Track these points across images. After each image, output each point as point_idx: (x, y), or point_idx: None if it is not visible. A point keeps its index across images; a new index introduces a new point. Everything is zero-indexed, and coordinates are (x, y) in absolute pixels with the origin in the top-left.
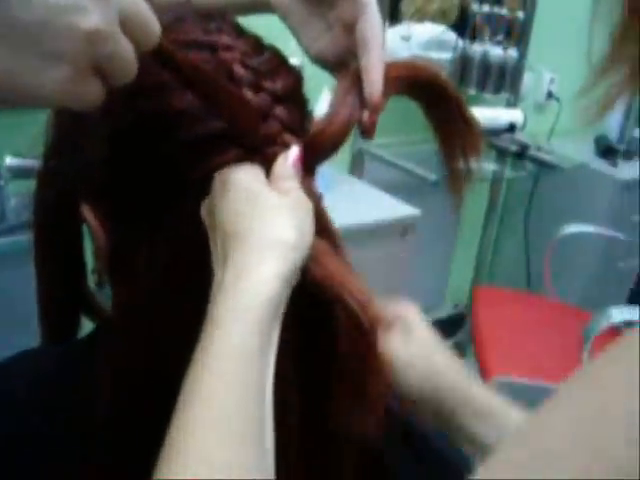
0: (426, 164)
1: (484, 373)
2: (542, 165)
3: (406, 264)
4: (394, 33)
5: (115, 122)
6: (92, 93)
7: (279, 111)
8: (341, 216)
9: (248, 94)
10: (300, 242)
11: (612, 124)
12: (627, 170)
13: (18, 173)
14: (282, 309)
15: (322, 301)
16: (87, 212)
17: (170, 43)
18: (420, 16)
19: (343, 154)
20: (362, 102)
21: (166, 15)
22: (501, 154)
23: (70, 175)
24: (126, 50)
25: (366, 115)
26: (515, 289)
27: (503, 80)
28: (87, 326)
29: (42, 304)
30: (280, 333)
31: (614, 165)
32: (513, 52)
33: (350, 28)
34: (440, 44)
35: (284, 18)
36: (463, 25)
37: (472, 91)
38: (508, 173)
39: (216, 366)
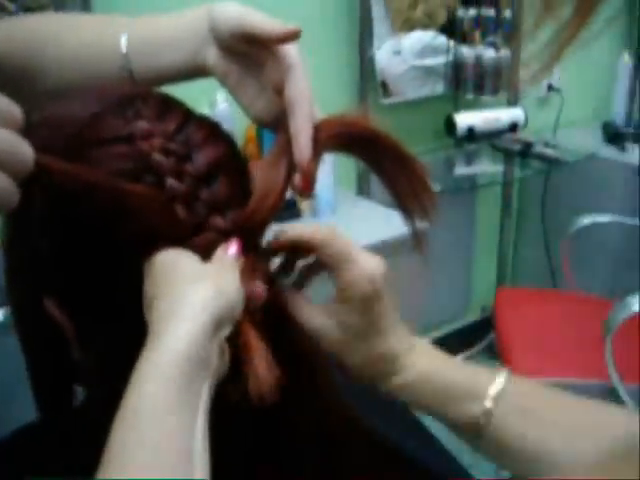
0: (431, 174)
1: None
2: (548, 161)
3: (425, 276)
4: (385, 50)
5: (46, 227)
6: None
7: (204, 194)
8: (351, 236)
9: (171, 182)
10: (215, 301)
11: (618, 109)
12: (637, 153)
13: None
14: (209, 363)
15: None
16: (48, 302)
17: (88, 141)
18: (409, 26)
19: (349, 174)
20: (293, 166)
21: (82, 111)
22: (507, 155)
23: (25, 271)
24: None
25: (298, 179)
26: (540, 287)
27: (500, 80)
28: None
29: (33, 378)
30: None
31: (623, 150)
32: (506, 51)
33: (280, 90)
34: (435, 49)
35: (222, 82)
36: (452, 29)
37: (469, 95)
38: (517, 173)
39: (132, 424)
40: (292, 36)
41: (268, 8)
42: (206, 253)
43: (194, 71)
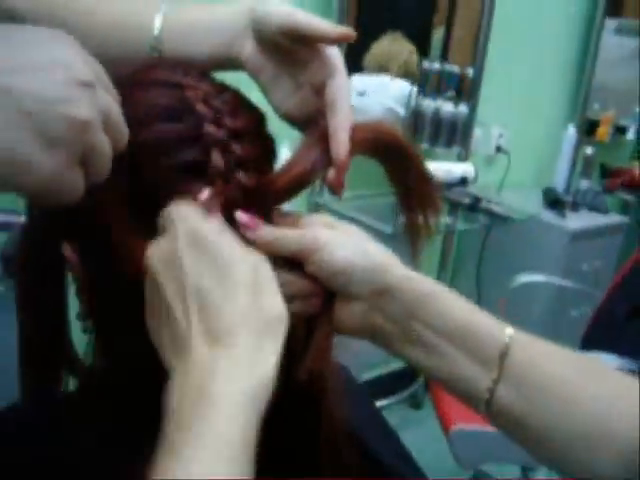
0: (382, 217)
1: (444, 423)
2: (494, 217)
3: None
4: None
5: None
6: (75, 184)
7: (235, 147)
8: None
9: (209, 128)
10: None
11: (559, 176)
12: (575, 220)
13: None
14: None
15: None
16: (68, 250)
17: (140, 81)
18: (386, 71)
19: (300, 209)
20: (328, 161)
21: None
22: (454, 207)
23: (53, 214)
24: (106, 144)
25: (332, 174)
26: None
27: (454, 135)
28: None
29: (24, 355)
30: None
31: (562, 216)
32: (463, 108)
33: (320, 89)
34: (397, 99)
35: (255, 76)
36: (415, 81)
37: (425, 145)
38: (461, 225)
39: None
40: (347, 37)
41: None
42: (227, 208)
43: (225, 62)
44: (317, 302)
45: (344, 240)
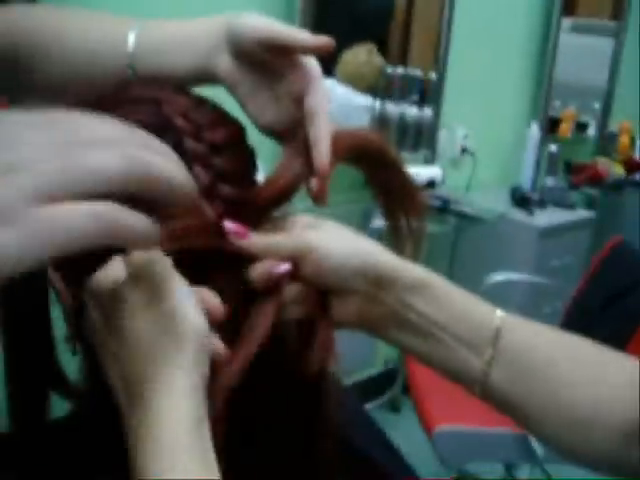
0: (351, 224)
1: (426, 425)
2: (464, 218)
3: None
4: None
5: None
6: None
7: (217, 161)
8: None
9: (189, 142)
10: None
11: (524, 174)
12: (543, 218)
13: None
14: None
15: None
16: (54, 277)
17: (115, 99)
18: (355, 80)
19: None
20: (310, 170)
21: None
22: None
23: None
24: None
25: (314, 183)
26: None
27: (420, 138)
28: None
29: (9, 378)
30: None
31: (530, 214)
32: (428, 111)
33: (298, 100)
34: (360, 107)
35: (233, 89)
36: (379, 87)
37: None
38: (431, 228)
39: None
40: (326, 46)
41: None
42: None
43: (201, 77)
44: (312, 304)
45: (333, 238)
